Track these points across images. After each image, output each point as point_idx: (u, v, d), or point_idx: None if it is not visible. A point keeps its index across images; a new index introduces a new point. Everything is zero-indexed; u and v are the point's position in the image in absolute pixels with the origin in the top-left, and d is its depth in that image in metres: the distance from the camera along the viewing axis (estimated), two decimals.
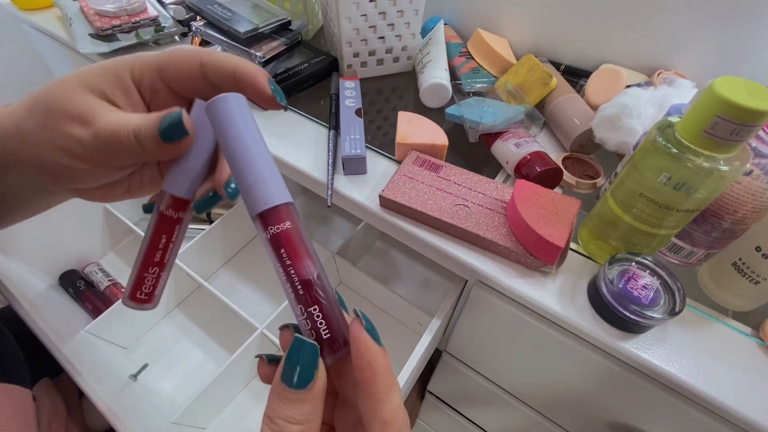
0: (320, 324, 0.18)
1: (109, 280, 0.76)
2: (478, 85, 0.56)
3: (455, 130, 0.52)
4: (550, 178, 0.46)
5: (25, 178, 0.23)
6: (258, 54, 0.54)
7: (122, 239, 0.86)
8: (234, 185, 0.22)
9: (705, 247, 0.38)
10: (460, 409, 0.73)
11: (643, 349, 0.35)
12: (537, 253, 0.38)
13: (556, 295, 0.38)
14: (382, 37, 0.58)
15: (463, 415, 0.73)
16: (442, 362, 0.63)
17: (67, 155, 0.20)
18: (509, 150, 0.47)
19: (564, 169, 0.48)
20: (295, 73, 0.57)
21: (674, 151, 0.30)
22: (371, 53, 0.60)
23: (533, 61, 0.55)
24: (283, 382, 0.17)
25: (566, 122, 0.51)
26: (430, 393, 0.75)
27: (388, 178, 0.46)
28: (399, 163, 0.50)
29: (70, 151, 0.20)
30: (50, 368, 0.58)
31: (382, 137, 0.53)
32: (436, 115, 0.54)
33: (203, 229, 0.71)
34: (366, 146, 0.48)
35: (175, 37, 0.68)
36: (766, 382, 0.34)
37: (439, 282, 0.76)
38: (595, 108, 0.51)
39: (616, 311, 0.34)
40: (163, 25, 0.66)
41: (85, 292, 0.73)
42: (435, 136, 0.47)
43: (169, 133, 0.20)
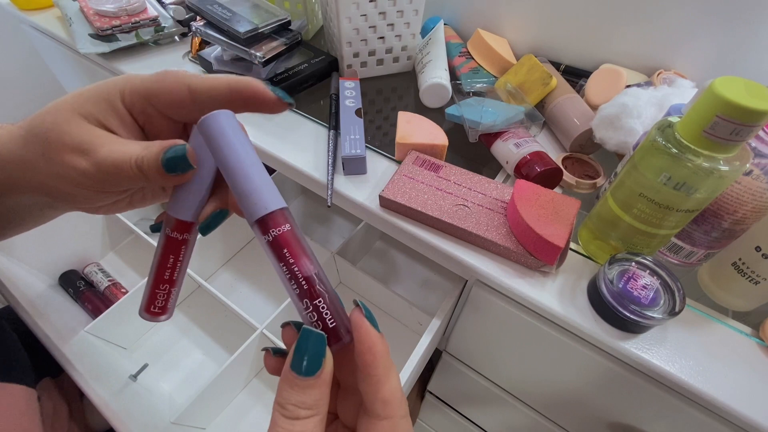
0: (325, 314, 0.19)
1: (109, 280, 0.76)
2: (478, 85, 0.56)
3: (455, 130, 0.52)
4: (550, 178, 0.46)
5: (27, 200, 0.23)
6: (258, 54, 0.54)
7: (122, 239, 0.86)
8: None
9: (705, 247, 0.38)
10: (460, 409, 0.73)
11: (643, 349, 0.35)
12: (537, 253, 0.38)
13: (556, 295, 0.38)
14: (382, 37, 0.58)
15: (463, 415, 0.73)
16: (442, 362, 0.63)
17: (70, 184, 0.21)
18: (509, 150, 0.47)
19: (564, 169, 0.48)
20: (295, 73, 0.57)
21: (674, 151, 0.30)
22: (371, 53, 0.60)
23: (533, 61, 0.55)
24: (293, 371, 0.18)
25: (566, 122, 0.51)
26: (430, 393, 0.75)
27: (388, 178, 0.46)
28: (399, 163, 0.50)
29: (72, 180, 0.20)
30: (51, 368, 0.58)
31: (382, 137, 0.53)
32: (436, 115, 0.54)
33: None
34: (366, 146, 0.48)
35: (175, 38, 0.68)
36: (766, 382, 0.34)
37: (439, 282, 0.76)
38: (595, 108, 0.51)
39: (616, 311, 0.34)
40: (163, 25, 0.66)
41: (85, 292, 0.73)
42: (435, 136, 0.47)
43: (173, 166, 0.20)
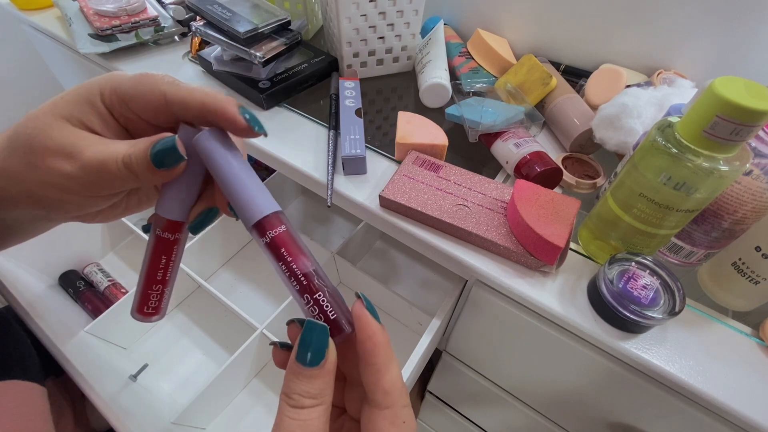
0: (326, 307, 0.20)
1: (109, 281, 0.76)
2: (478, 85, 0.56)
3: (455, 130, 0.52)
4: (550, 178, 0.46)
5: (20, 212, 0.22)
6: (258, 54, 0.54)
7: (122, 239, 0.86)
8: None
9: (705, 247, 0.38)
10: (460, 409, 0.73)
11: (643, 349, 0.35)
12: (537, 253, 0.38)
13: (556, 295, 0.38)
14: (381, 37, 0.58)
15: (463, 415, 0.73)
16: (442, 362, 0.63)
17: (57, 190, 0.20)
18: (509, 150, 0.47)
19: (564, 169, 0.48)
20: (295, 73, 0.57)
21: (674, 151, 0.30)
22: (371, 53, 0.60)
23: (533, 61, 0.55)
24: (298, 362, 0.19)
25: (566, 122, 0.51)
26: (430, 393, 0.75)
27: (388, 178, 0.46)
28: (399, 163, 0.50)
29: (59, 186, 0.20)
30: (53, 367, 0.58)
31: (382, 137, 0.53)
32: (436, 115, 0.54)
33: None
34: (366, 146, 0.48)
35: (175, 37, 0.68)
36: (766, 382, 0.34)
37: (439, 282, 0.76)
38: (595, 108, 0.51)
39: (616, 311, 0.34)
40: (162, 25, 0.66)
41: (85, 292, 0.73)
42: (435, 136, 0.47)
43: (162, 159, 0.20)
